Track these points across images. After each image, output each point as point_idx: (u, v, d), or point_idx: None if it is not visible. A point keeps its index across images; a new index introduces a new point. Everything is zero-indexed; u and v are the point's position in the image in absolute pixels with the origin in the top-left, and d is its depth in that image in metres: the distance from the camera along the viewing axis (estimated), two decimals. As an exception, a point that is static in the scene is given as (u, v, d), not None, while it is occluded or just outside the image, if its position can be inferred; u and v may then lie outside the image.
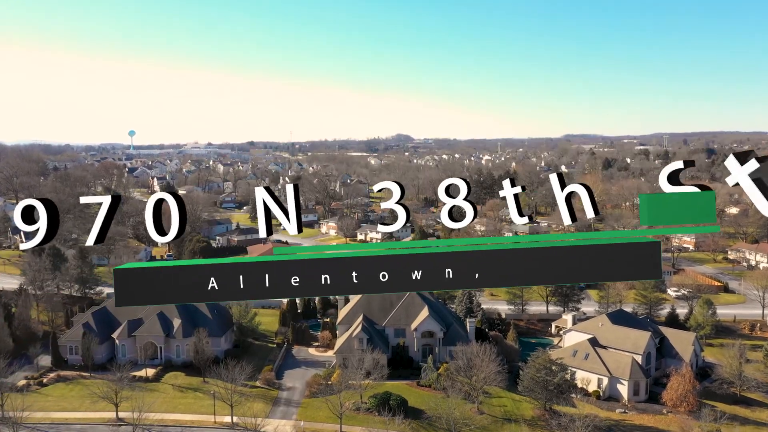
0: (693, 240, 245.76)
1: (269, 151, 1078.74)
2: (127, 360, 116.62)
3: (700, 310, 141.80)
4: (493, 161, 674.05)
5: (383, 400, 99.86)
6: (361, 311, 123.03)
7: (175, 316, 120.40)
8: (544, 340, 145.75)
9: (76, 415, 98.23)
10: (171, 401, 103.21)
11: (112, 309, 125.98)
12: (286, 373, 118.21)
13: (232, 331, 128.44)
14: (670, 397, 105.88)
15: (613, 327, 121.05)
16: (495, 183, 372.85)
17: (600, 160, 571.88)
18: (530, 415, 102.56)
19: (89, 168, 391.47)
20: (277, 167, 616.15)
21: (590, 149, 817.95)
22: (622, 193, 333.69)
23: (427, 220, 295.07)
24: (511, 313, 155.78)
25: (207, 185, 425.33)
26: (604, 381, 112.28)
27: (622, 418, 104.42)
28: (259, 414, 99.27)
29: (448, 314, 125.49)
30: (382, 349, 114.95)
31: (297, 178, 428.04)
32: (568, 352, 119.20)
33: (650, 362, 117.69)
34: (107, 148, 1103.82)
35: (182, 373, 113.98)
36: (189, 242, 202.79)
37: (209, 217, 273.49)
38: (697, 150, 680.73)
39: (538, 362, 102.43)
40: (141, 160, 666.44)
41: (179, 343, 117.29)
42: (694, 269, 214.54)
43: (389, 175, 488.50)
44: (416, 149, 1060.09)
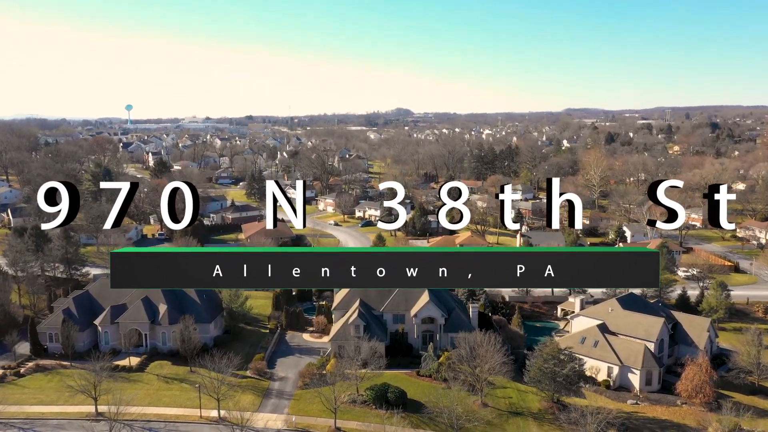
0: (700, 217, 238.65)
1: (268, 125, 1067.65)
2: (109, 348, 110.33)
3: (713, 292, 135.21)
4: (494, 135, 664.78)
5: (381, 393, 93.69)
6: (358, 296, 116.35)
7: (161, 301, 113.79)
8: (550, 324, 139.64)
9: (53, 409, 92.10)
10: (155, 393, 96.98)
11: (95, 293, 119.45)
12: (278, 361, 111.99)
13: (222, 317, 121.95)
14: (685, 388, 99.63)
15: (624, 312, 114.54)
16: (496, 158, 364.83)
17: (602, 134, 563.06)
18: (537, 407, 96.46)
19: (81, 143, 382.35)
20: (275, 142, 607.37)
21: (592, 123, 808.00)
22: (626, 169, 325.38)
23: (427, 197, 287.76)
24: (515, 296, 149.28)
25: (203, 160, 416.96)
26: (614, 370, 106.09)
27: (633, 409, 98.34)
28: (248, 407, 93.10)
29: (449, 299, 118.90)
30: (379, 337, 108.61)
31: (294, 153, 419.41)
32: (575, 338, 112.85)
33: (663, 350, 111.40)
34: (104, 122, 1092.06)
35: (168, 362, 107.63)
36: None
37: (203, 193, 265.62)
38: (700, 124, 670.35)
39: (546, 352, 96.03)
40: (137, 135, 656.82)
41: (165, 330, 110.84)
42: (702, 247, 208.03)
43: (389, 149, 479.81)
44: (416, 123, 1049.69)
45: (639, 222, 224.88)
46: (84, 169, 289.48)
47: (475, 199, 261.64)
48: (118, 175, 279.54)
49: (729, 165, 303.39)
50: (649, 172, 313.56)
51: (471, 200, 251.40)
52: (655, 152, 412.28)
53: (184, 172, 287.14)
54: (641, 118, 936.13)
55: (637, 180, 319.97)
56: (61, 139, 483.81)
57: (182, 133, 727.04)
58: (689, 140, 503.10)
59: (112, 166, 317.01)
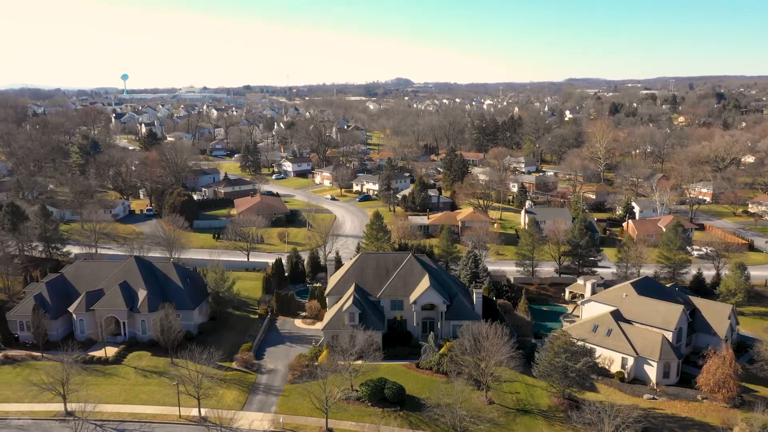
0: (710, 191, 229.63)
1: (266, 95, 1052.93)
2: (86, 337, 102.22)
3: (731, 274, 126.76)
4: (495, 106, 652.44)
5: (377, 389, 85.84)
6: (353, 280, 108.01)
7: (140, 286, 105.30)
8: (557, 308, 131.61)
9: (19, 407, 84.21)
10: (131, 389, 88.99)
11: (71, 277, 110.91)
12: (267, 351, 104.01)
13: (207, 302, 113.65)
14: (707, 382, 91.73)
15: (640, 298, 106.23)
16: (498, 129, 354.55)
17: (606, 105, 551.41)
18: (546, 404, 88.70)
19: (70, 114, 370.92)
20: (272, 112, 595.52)
21: (594, 93, 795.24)
22: (632, 141, 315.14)
23: (428, 170, 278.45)
24: (520, 277, 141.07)
25: (197, 132, 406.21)
26: (629, 361, 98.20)
27: (650, 405, 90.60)
28: (232, 405, 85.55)
29: (451, 283, 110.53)
30: (376, 325, 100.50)
31: (291, 124, 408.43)
32: (587, 326, 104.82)
33: (681, 339, 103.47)
34: (100, 92, 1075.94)
35: (148, 352, 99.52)
36: (170, 195, 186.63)
37: (196, 166, 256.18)
38: (706, 95, 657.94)
39: (558, 345, 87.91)
40: (131, 105, 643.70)
41: (145, 318, 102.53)
42: (713, 224, 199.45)
43: (388, 120, 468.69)
44: (416, 93, 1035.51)
45: (648, 197, 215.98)
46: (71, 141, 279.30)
47: (477, 172, 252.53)
48: (108, 147, 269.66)
49: (740, 137, 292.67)
50: (656, 144, 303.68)
51: (473, 173, 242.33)
52: (660, 123, 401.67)
53: (175, 144, 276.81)
54: (644, 88, 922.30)
55: (643, 152, 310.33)
56: (52, 109, 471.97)
57: (178, 104, 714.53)
58: (695, 111, 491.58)
59: (102, 138, 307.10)
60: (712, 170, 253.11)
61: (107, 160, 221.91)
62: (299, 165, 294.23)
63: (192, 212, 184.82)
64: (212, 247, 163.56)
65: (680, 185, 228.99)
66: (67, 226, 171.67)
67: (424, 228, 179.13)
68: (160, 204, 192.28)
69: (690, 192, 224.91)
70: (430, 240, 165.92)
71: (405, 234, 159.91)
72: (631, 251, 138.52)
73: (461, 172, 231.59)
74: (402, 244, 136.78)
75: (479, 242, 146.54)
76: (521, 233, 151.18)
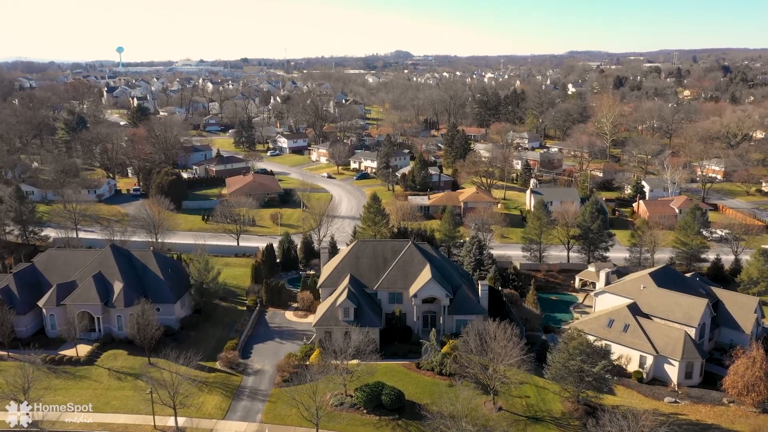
0: (722, 169, 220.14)
1: (263, 68, 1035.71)
2: (57, 334, 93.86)
3: (754, 261, 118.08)
4: (496, 79, 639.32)
5: (374, 394, 77.77)
6: (348, 271, 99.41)
7: (116, 278, 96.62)
8: (567, 297, 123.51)
9: (-25, 417, 76.07)
10: (103, 394, 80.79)
11: (42, 267, 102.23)
12: (255, 348, 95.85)
13: (190, 294, 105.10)
14: (734, 384, 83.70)
15: (659, 291, 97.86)
16: (500, 103, 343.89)
17: (610, 78, 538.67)
18: (559, 410, 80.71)
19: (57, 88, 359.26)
20: (270, 86, 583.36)
21: (597, 66, 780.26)
22: (639, 116, 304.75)
23: (428, 146, 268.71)
24: (527, 263, 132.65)
25: (191, 106, 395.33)
26: (647, 360, 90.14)
27: (672, 410, 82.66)
28: (213, 413, 77.60)
29: (454, 273, 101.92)
30: (372, 321, 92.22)
31: (287, 98, 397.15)
32: (602, 320, 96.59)
33: (704, 335, 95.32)
34: (95, 65, 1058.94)
35: (124, 351, 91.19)
36: (157, 175, 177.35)
37: (187, 143, 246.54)
38: (711, 68, 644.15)
39: (572, 346, 79.62)
40: (125, 79, 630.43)
41: (121, 313, 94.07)
42: (726, 203, 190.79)
43: (387, 94, 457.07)
44: (416, 66, 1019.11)
45: (657, 175, 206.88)
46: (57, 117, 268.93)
47: (479, 148, 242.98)
48: (97, 123, 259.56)
49: (753, 111, 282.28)
50: (664, 119, 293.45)
51: (475, 150, 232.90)
52: (667, 97, 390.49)
53: (165, 119, 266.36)
54: (646, 61, 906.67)
55: (650, 127, 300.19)
56: (43, 83, 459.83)
57: (174, 77, 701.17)
58: (702, 85, 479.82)
59: (92, 113, 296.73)
60: (724, 146, 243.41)
61: (91, 137, 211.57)
62: (295, 141, 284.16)
63: (180, 192, 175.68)
64: (201, 230, 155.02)
65: (690, 162, 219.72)
66: (49, 208, 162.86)
67: (424, 209, 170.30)
68: (148, 183, 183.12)
69: (700, 170, 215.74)
70: (431, 222, 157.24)
71: (404, 215, 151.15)
72: (646, 236, 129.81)
73: (463, 149, 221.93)
74: (401, 228, 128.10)
75: (483, 226, 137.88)
76: (528, 216, 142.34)
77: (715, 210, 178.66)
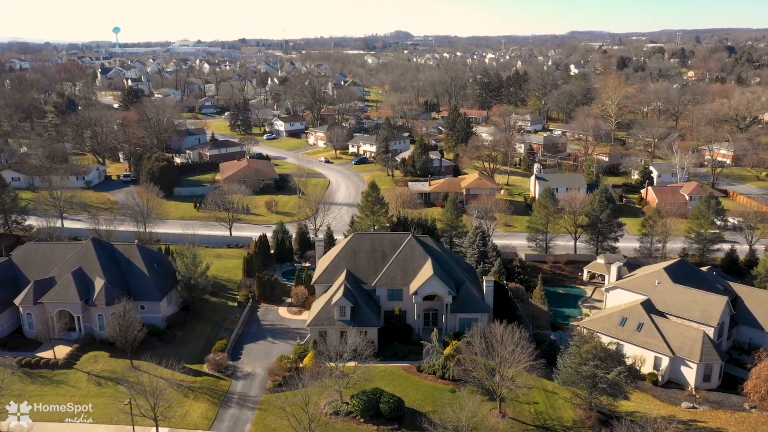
0: (731, 153, 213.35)
1: (261, 49, 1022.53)
2: (34, 334, 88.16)
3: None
4: (497, 60, 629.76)
5: (371, 402, 72.25)
6: (345, 266, 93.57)
7: (97, 274, 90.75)
8: (575, 290, 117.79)
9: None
10: (80, 401, 75.13)
11: (20, 262, 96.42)
12: (245, 348, 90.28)
13: (177, 290, 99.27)
14: (756, 389, 78.48)
15: (675, 287, 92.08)
16: (502, 85, 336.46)
17: (613, 59, 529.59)
18: (570, 417, 75.23)
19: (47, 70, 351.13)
20: (267, 67, 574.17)
21: (600, 47, 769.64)
22: (644, 98, 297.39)
23: (428, 129, 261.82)
24: (533, 255, 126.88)
25: (186, 88, 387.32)
26: (663, 361, 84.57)
27: (690, 416, 77.27)
28: (198, 424, 72.04)
29: (457, 267, 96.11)
30: (370, 320, 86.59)
31: (284, 79, 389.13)
32: (613, 318, 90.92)
33: (723, 334, 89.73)
34: (91, 46, 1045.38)
35: (105, 353, 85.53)
36: (147, 160, 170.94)
37: (181, 126, 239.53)
38: (716, 48, 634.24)
39: (585, 350, 73.96)
40: (120, 60, 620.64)
41: (102, 312, 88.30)
42: (736, 189, 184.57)
43: (387, 75, 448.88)
44: (416, 47, 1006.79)
45: (665, 159, 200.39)
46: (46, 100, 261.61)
47: (480, 131, 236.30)
48: (89, 106, 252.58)
49: (762, 93, 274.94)
50: (670, 101, 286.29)
51: (477, 133, 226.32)
52: (670, 78, 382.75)
53: (158, 102, 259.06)
54: (649, 41, 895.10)
55: (657, 109, 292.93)
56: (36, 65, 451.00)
57: (170, 58, 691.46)
58: (707, 65, 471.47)
59: (85, 95, 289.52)
60: (733, 130, 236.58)
61: (80, 120, 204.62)
62: (292, 124, 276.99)
63: (172, 179, 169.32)
64: (193, 219, 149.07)
65: (698, 146, 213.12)
66: (35, 195, 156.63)
67: (425, 196, 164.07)
68: (139, 169, 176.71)
69: (709, 154, 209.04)
70: (432, 210, 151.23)
71: (404, 203, 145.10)
72: (658, 225, 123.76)
73: (465, 132, 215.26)
74: (401, 218, 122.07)
75: (486, 215, 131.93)
76: (534, 205, 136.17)
77: (725, 196, 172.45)
